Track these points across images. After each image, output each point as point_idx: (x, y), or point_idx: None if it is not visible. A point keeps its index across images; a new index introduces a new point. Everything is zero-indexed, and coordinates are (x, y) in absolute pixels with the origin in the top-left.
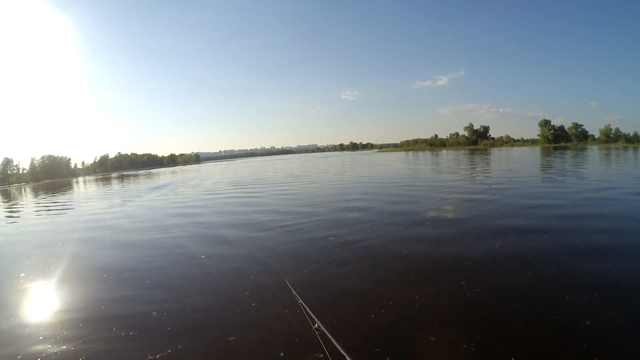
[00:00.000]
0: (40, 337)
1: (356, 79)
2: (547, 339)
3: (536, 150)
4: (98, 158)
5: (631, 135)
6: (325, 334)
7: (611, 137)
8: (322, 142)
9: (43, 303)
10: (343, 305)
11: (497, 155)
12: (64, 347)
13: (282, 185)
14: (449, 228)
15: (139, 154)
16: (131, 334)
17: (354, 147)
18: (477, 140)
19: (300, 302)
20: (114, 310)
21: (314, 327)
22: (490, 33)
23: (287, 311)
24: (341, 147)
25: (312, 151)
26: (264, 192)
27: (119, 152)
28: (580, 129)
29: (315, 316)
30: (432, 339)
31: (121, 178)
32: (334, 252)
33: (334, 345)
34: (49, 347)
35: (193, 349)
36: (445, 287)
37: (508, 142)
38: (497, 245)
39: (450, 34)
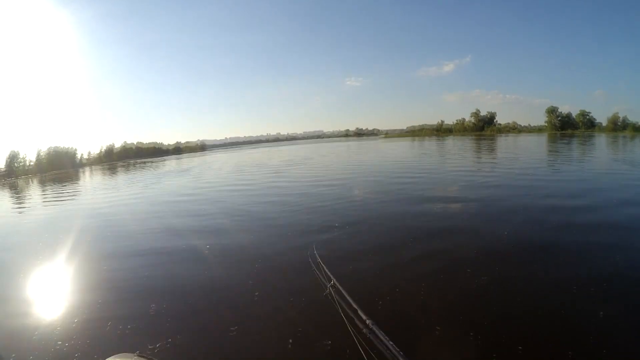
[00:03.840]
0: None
1: (360, 65)
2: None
3: (544, 138)
4: (104, 149)
5: (639, 124)
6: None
7: (619, 126)
8: (327, 129)
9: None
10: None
11: (504, 142)
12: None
13: (301, 167)
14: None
15: (144, 143)
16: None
17: (359, 133)
18: (484, 126)
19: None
20: None
21: (329, 285)
22: (496, 19)
23: None
24: (347, 134)
25: (318, 137)
26: (290, 173)
27: (125, 142)
28: (587, 117)
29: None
30: (437, 328)
31: (135, 166)
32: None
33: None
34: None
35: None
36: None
37: (515, 128)
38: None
39: (456, 20)
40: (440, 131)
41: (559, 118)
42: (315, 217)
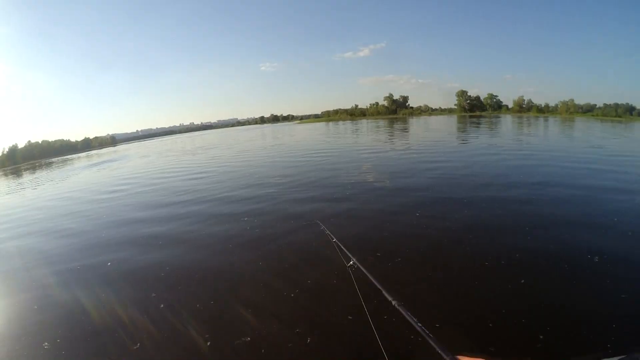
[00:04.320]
0: None
1: (275, 50)
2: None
3: (453, 119)
4: (6, 150)
5: (542, 106)
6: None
7: (524, 107)
8: (242, 116)
9: None
10: None
11: (415, 123)
12: None
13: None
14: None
15: (50, 140)
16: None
17: (274, 119)
18: (397, 109)
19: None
20: None
21: (349, 264)
22: (412, 5)
23: None
24: (262, 120)
25: (233, 125)
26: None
27: (29, 141)
28: (495, 99)
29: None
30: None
31: (42, 166)
32: None
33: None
34: None
35: None
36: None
37: (426, 111)
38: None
39: (372, 4)
40: (355, 115)
41: (468, 101)
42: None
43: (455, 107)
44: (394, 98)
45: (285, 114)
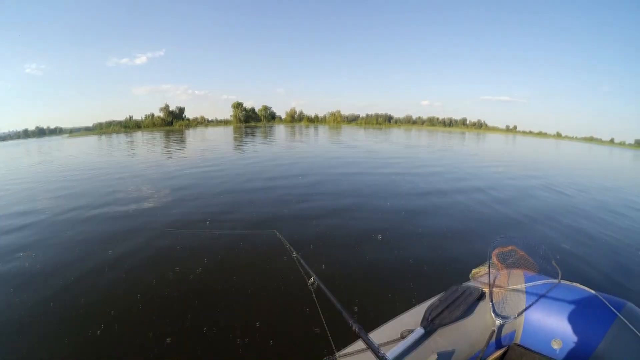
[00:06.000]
0: None
1: (44, 49)
2: None
3: (229, 130)
4: None
5: (313, 116)
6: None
7: (296, 118)
8: (2, 129)
9: None
10: None
11: (192, 134)
12: None
13: None
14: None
15: None
16: None
17: (40, 132)
18: (173, 121)
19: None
20: None
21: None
22: (192, 14)
23: None
24: (26, 134)
25: None
26: None
27: None
28: (269, 111)
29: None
30: None
31: None
32: None
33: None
34: None
35: None
36: None
37: (203, 122)
38: None
39: (152, 9)
40: (129, 127)
41: (244, 112)
42: None
43: (231, 118)
44: (170, 109)
45: (52, 127)
